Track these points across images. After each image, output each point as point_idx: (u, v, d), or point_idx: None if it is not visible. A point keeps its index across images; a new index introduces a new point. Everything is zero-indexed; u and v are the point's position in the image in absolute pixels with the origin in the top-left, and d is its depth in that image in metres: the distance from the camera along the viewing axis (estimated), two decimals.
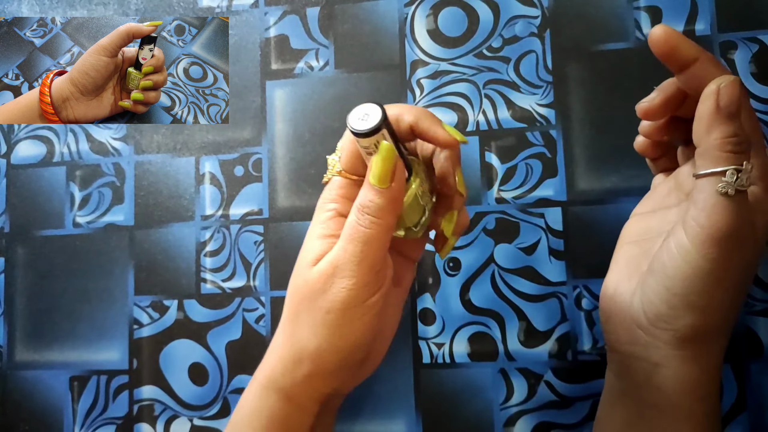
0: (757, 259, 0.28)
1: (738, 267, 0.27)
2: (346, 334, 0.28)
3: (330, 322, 0.27)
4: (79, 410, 0.41)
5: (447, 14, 0.40)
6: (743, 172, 0.26)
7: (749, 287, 0.30)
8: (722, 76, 0.27)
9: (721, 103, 0.26)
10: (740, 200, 0.26)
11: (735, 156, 0.26)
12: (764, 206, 0.28)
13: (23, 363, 0.42)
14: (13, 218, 0.43)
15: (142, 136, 0.43)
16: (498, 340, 0.38)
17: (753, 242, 0.27)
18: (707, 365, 0.28)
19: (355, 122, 0.25)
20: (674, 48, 0.28)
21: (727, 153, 0.26)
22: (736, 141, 0.26)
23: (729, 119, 0.26)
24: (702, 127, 0.27)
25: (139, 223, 0.42)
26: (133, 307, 0.41)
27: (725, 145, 0.26)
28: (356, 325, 0.27)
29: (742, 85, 0.28)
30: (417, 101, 0.40)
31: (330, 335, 0.28)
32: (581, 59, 0.39)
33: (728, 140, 0.26)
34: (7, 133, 0.44)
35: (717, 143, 0.26)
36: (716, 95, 0.26)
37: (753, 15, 0.37)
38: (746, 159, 0.26)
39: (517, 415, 0.37)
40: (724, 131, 0.26)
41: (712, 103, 0.26)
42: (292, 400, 0.30)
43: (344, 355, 0.28)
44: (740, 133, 0.26)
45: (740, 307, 0.29)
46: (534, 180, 0.38)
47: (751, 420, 0.35)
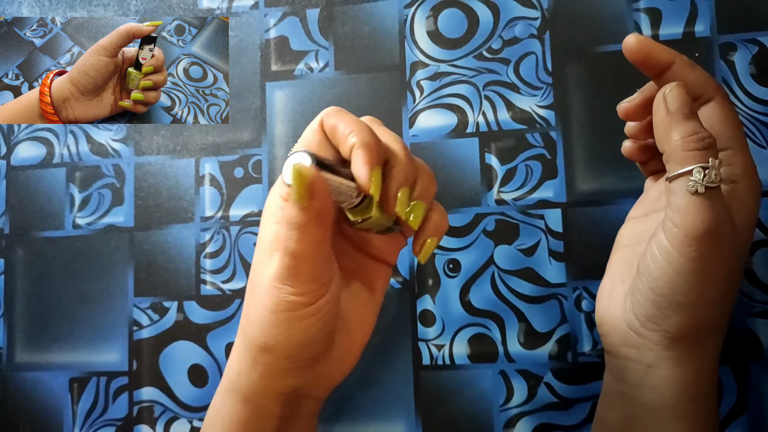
0: (741, 254, 0.29)
1: (721, 263, 0.27)
2: (293, 333, 0.27)
3: (277, 322, 0.27)
4: (78, 412, 0.41)
5: (447, 16, 0.40)
6: (710, 169, 0.26)
7: (739, 282, 0.30)
8: (667, 84, 0.28)
9: (670, 108, 0.27)
10: (712, 196, 0.26)
11: (699, 153, 0.26)
12: (746, 202, 0.28)
13: (23, 364, 0.42)
14: (13, 219, 0.43)
15: (141, 138, 0.43)
16: (498, 342, 0.38)
17: (733, 238, 0.27)
18: (700, 365, 0.29)
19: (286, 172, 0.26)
20: (648, 54, 0.29)
21: (691, 152, 0.26)
22: (696, 138, 0.27)
23: (684, 119, 0.27)
24: (661, 133, 0.28)
25: (138, 224, 0.42)
26: (132, 308, 0.41)
27: (687, 144, 0.26)
28: (303, 325, 0.27)
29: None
30: (417, 103, 0.40)
31: (277, 333, 0.27)
32: (581, 61, 0.39)
33: (688, 139, 0.27)
34: (7, 134, 0.44)
35: (678, 144, 0.27)
36: (664, 101, 0.27)
37: (752, 16, 0.37)
38: (712, 155, 0.26)
39: (517, 416, 0.37)
40: (682, 131, 0.27)
41: (663, 108, 0.27)
42: (250, 401, 0.29)
43: (293, 352, 0.28)
44: (699, 131, 0.27)
45: (732, 303, 0.29)
46: (534, 181, 0.38)
47: (750, 421, 0.35)
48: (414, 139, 0.40)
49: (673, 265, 0.27)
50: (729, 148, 0.29)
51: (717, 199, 0.26)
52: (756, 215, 0.29)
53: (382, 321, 0.39)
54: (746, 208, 0.28)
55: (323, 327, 0.27)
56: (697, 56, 0.37)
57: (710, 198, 0.26)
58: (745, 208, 0.28)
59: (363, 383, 0.38)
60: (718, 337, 0.29)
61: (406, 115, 0.40)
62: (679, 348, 0.28)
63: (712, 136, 0.27)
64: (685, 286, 0.27)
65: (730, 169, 0.29)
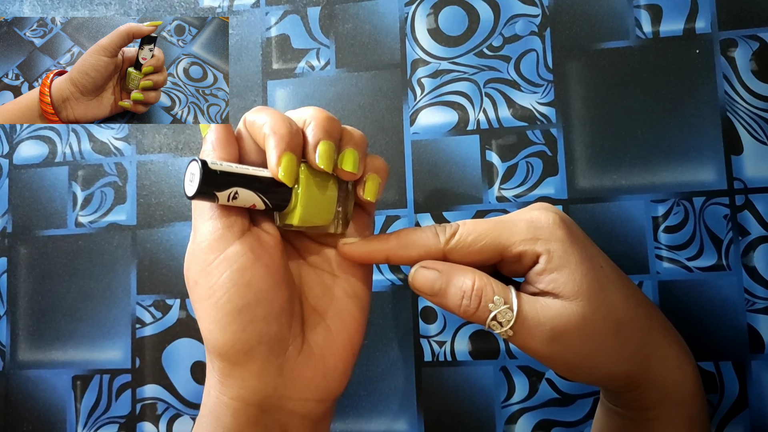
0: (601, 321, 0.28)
1: (580, 347, 0.28)
2: (221, 303, 0.26)
3: (200, 296, 0.26)
4: (81, 409, 0.41)
5: (447, 13, 0.40)
6: (498, 313, 0.27)
7: (620, 334, 0.29)
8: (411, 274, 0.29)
9: (427, 293, 0.28)
10: (524, 323, 0.27)
11: (479, 311, 0.27)
12: (566, 283, 0.27)
13: (26, 362, 0.42)
14: (16, 218, 0.43)
15: (144, 136, 0.43)
16: (499, 338, 0.38)
17: (580, 317, 0.27)
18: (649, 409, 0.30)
19: (187, 185, 0.26)
20: (363, 259, 0.30)
21: (474, 315, 0.27)
22: (464, 306, 0.28)
23: (443, 296, 0.28)
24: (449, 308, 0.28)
25: (141, 222, 0.42)
26: (135, 306, 0.41)
27: (465, 313, 0.28)
28: (223, 281, 0.26)
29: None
30: (418, 100, 0.40)
31: (207, 314, 0.26)
32: (581, 58, 0.39)
33: (462, 310, 0.28)
34: (9, 133, 0.44)
35: (461, 313, 0.28)
36: (416, 290, 0.29)
37: (753, 13, 0.37)
38: (488, 301, 0.27)
39: (518, 412, 0.37)
40: (452, 307, 0.28)
41: (427, 296, 0.29)
42: (221, 423, 0.27)
43: (229, 323, 0.26)
44: (460, 299, 0.27)
45: (628, 352, 0.29)
46: (535, 178, 0.38)
47: (752, 417, 0.35)
48: (415, 136, 0.40)
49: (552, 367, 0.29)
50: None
51: (523, 323, 0.27)
52: (587, 280, 0.28)
53: (384, 318, 0.39)
54: (570, 285, 0.27)
55: (245, 289, 0.26)
56: (698, 53, 0.37)
57: (518, 327, 0.27)
58: (568, 286, 0.27)
59: (365, 380, 0.39)
60: (648, 385, 0.29)
61: (407, 113, 0.40)
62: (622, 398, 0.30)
63: (477, 283, 0.27)
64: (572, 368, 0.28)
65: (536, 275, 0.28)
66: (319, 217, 0.28)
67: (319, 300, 0.29)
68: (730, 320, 0.36)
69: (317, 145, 0.27)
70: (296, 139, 0.27)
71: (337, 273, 0.30)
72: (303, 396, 0.27)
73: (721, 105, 0.37)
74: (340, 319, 0.29)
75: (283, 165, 0.26)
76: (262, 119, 0.27)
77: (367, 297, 0.30)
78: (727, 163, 0.36)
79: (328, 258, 0.30)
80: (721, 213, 0.36)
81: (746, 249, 0.36)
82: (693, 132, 0.37)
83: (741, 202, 0.36)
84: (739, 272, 0.36)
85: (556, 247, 0.27)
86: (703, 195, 0.37)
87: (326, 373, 0.28)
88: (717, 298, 0.36)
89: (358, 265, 0.30)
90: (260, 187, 0.27)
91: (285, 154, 0.26)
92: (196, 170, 0.25)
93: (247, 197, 0.26)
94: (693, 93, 0.37)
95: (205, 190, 0.25)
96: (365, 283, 0.30)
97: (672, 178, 0.37)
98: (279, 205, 0.28)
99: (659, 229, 0.37)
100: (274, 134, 0.26)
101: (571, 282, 0.27)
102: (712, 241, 0.36)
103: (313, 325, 0.28)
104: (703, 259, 0.36)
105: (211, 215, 0.27)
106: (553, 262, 0.27)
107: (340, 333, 0.29)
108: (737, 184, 0.36)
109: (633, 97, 0.38)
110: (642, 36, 0.38)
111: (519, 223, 0.28)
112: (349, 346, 0.29)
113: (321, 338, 0.28)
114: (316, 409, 0.28)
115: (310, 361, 0.27)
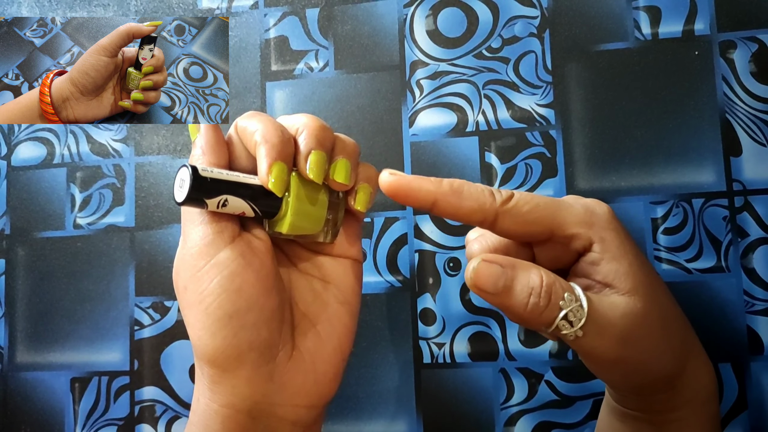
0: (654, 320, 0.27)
1: (631, 349, 0.26)
2: (211, 309, 0.25)
3: (189, 302, 0.26)
4: (80, 411, 0.41)
5: (446, 15, 0.40)
6: (570, 314, 0.25)
7: (672, 327, 0.28)
8: (468, 266, 0.26)
9: (490, 291, 0.26)
10: (596, 323, 0.25)
11: (548, 310, 0.25)
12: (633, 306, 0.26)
13: (24, 365, 0.42)
14: (14, 220, 0.43)
15: (142, 138, 0.43)
16: (498, 340, 0.38)
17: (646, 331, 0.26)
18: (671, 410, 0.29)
19: (176, 191, 0.26)
20: (405, 197, 0.27)
21: (542, 315, 0.25)
22: (533, 304, 0.25)
23: (507, 294, 0.26)
24: (513, 317, 0.26)
25: (139, 224, 0.42)
26: (133, 308, 0.41)
27: (533, 312, 0.25)
28: (213, 287, 0.25)
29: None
30: (417, 102, 0.40)
31: (197, 320, 0.26)
32: (581, 59, 0.39)
33: (531, 309, 0.25)
34: (8, 134, 0.44)
35: (528, 316, 0.25)
36: (477, 289, 0.26)
37: (752, 14, 0.37)
38: (559, 299, 0.25)
39: (517, 414, 0.37)
40: (518, 307, 0.25)
41: (486, 295, 0.26)
42: (209, 428, 0.26)
43: (223, 333, 0.25)
44: (527, 295, 0.25)
45: (664, 351, 0.28)
46: (534, 180, 0.38)
47: (751, 419, 0.35)
48: (414, 138, 0.40)
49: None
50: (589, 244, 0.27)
51: (594, 323, 0.25)
52: (642, 274, 0.27)
53: (383, 320, 0.39)
54: (629, 278, 0.26)
55: (235, 295, 0.25)
56: (697, 54, 0.37)
57: (587, 331, 0.25)
58: (627, 279, 0.26)
59: (364, 382, 0.39)
60: (672, 385, 0.28)
61: (406, 115, 0.40)
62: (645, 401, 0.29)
63: (544, 279, 0.25)
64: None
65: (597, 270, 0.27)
66: (308, 225, 0.28)
67: (309, 306, 0.29)
68: (729, 322, 0.36)
69: (309, 155, 0.27)
70: (288, 149, 0.27)
71: (328, 279, 0.30)
72: (293, 402, 0.27)
73: (720, 107, 0.37)
74: (330, 324, 0.29)
75: (273, 174, 0.26)
76: (253, 126, 0.27)
77: (357, 303, 0.30)
78: (726, 164, 0.36)
79: (318, 264, 0.30)
80: (721, 214, 0.36)
81: (745, 250, 0.36)
82: (692, 133, 0.37)
83: (740, 204, 0.36)
84: (739, 274, 0.36)
85: (612, 237, 0.26)
86: (703, 196, 0.37)
87: (316, 378, 0.28)
88: (716, 300, 0.36)
89: (348, 271, 0.30)
90: (250, 195, 0.27)
91: (276, 164, 0.26)
92: (186, 176, 0.25)
93: (237, 205, 0.26)
94: (692, 95, 0.37)
95: (195, 197, 0.25)
96: (355, 289, 0.30)
97: (671, 179, 0.37)
98: (269, 213, 0.27)
99: (658, 231, 0.37)
100: (266, 142, 0.26)
101: (630, 275, 0.26)
102: (712, 243, 0.36)
103: (304, 332, 0.28)
104: (702, 261, 0.36)
105: (202, 220, 0.27)
106: (611, 252, 0.26)
107: (330, 339, 0.29)
108: (736, 186, 0.36)
109: (632, 99, 0.38)
110: (641, 37, 0.38)
111: (575, 206, 0.27)
112: (339, 351, 0.29)
113: (311, 344, 0.28)
114: (306, 415, 0.27)
115: (300, 367, 0.27)
